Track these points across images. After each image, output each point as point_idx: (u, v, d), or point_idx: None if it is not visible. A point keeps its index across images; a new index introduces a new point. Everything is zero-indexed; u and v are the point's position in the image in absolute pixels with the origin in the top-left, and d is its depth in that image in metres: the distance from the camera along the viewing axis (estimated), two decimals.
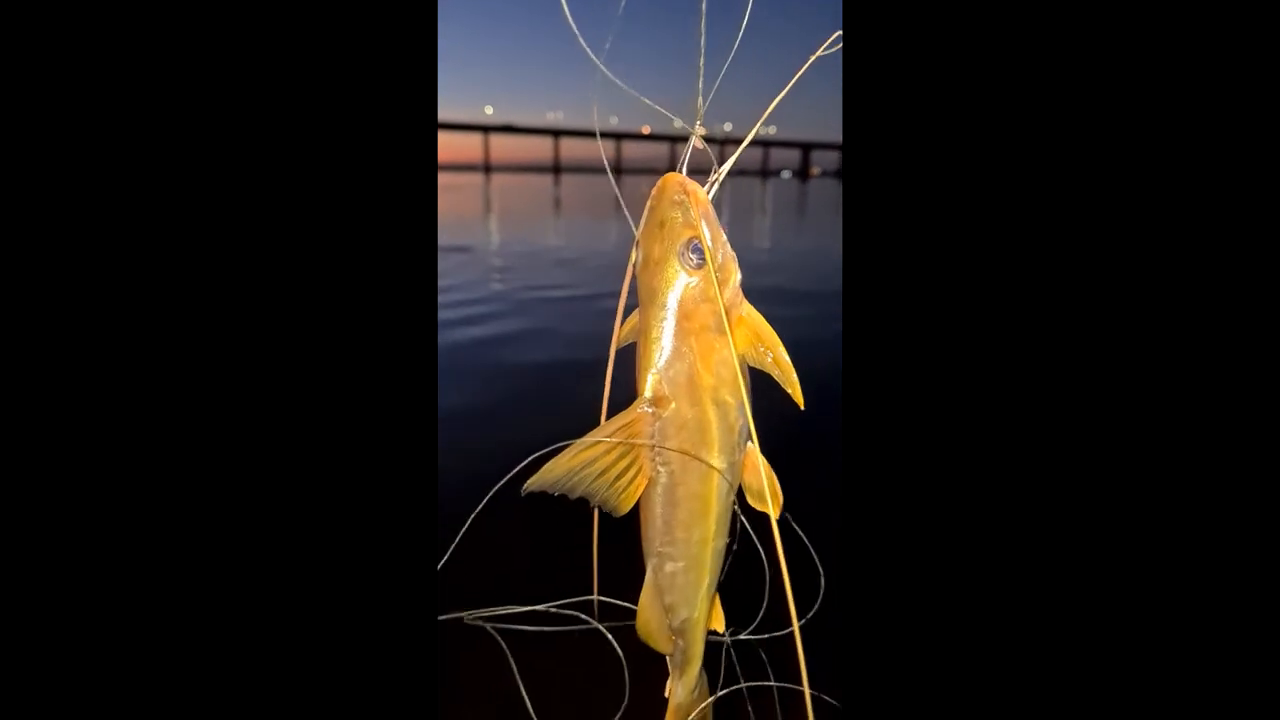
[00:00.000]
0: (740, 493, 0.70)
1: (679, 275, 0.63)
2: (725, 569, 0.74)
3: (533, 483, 0.57)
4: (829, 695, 0.64)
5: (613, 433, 0.60)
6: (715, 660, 0.82)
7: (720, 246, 0.64)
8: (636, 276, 0.66)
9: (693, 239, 0.62)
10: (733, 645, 0.81)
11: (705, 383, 0.63)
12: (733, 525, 0.72)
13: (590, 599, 0.88)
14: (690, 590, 0.70)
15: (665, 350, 0.63)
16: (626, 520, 0.68)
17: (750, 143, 0.65)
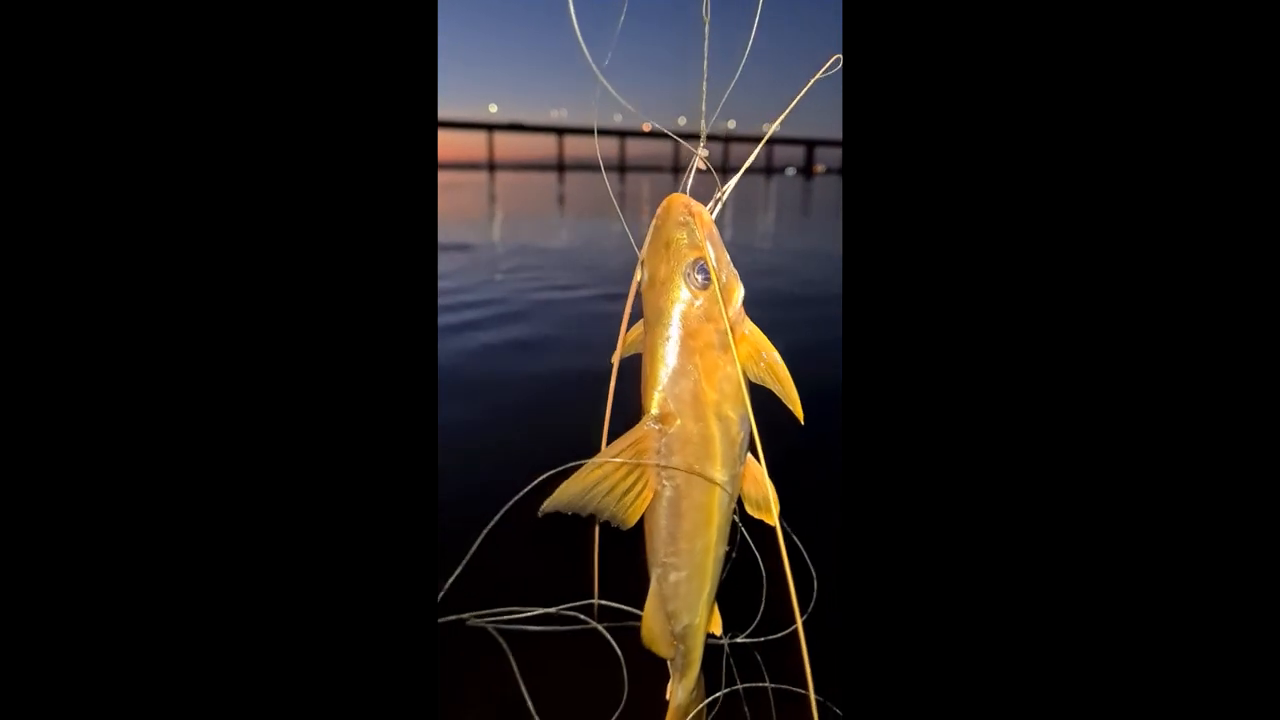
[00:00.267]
0: (740, 502, 0.72)
1: (684, 295, 0.64)
2: (724, 575, 0.76)
3: (549, 505, 0.58)
4: (824, 695, 0.66)
5: (621, 451, 0.62)
6: (713, 663, 0.84)
7: (724, 266, 0.65)
8: (642, 295, 0.67)
9: (698, 260, 0.63)
10: (730, 648, 0.83)
11: (709, 399, 0.65)
12: (732, 533, 0.74)
13: (591, 603, 0.90)
14: (693, 598, 0.72)
15: (671, 368, 0.64)
16: (630, 531, 0.70)
17: (746, 140, 0.67)
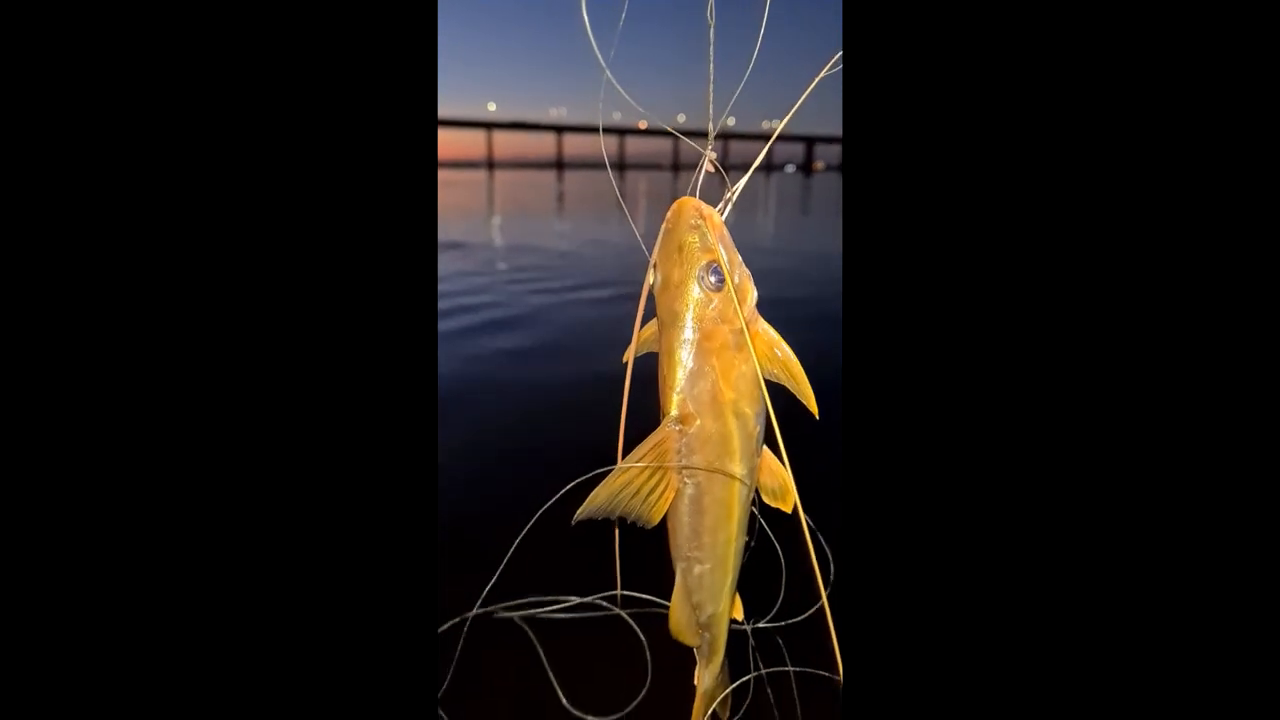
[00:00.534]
0: (757, 493, 0.74)
1: (699, 297, 0.65)
2: (744, 562, 0.78)
3: (582, 513, 0.60)
4: (837, 678, 0.68)
5: (645, 454, 0.64)
6: (735, 649, 0.87)
7: (737, 268, 0.67)
8: (655, 298, 0.69)
9: (711, 262, 0.65)
10: (753, 633, 0.86)
11: (727, 398, 0.66)
12: (751, 524, 0.76)
13: (614, 594, 0.93)
14: (716, 588, 0.75)
15: (688, 369, 0.66)
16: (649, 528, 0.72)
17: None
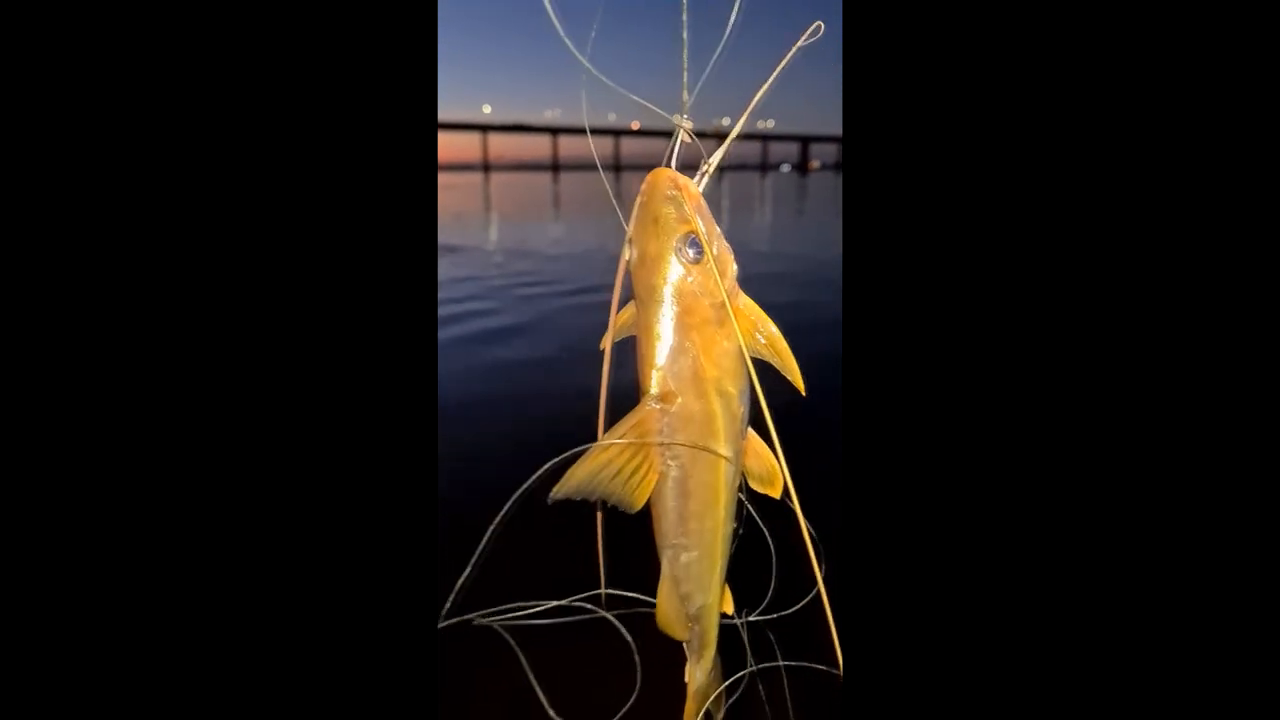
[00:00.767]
0: (743, 478, 0.71)
1: (677, 271, 0.63)
2: (733, 552, 0.75)
3: (558, 491, 0.57)
4: (833, 671, 0.66)
5: (625, 433, 0.61)
6: (727, 643, 0.83)
7: (715, 239, 0.64)
8: (631, 273, 0.66)
9: (689, 234, 0.62)
10: (744, 626, 0.83)
11: (709, 375, 0.64)
12: (738, 510, 0.73)
13: (598, 593, 0.89)
14: (705, 577, 0.71)
15: (668, 346, 0.63)
16: (626, 516, 0.69)
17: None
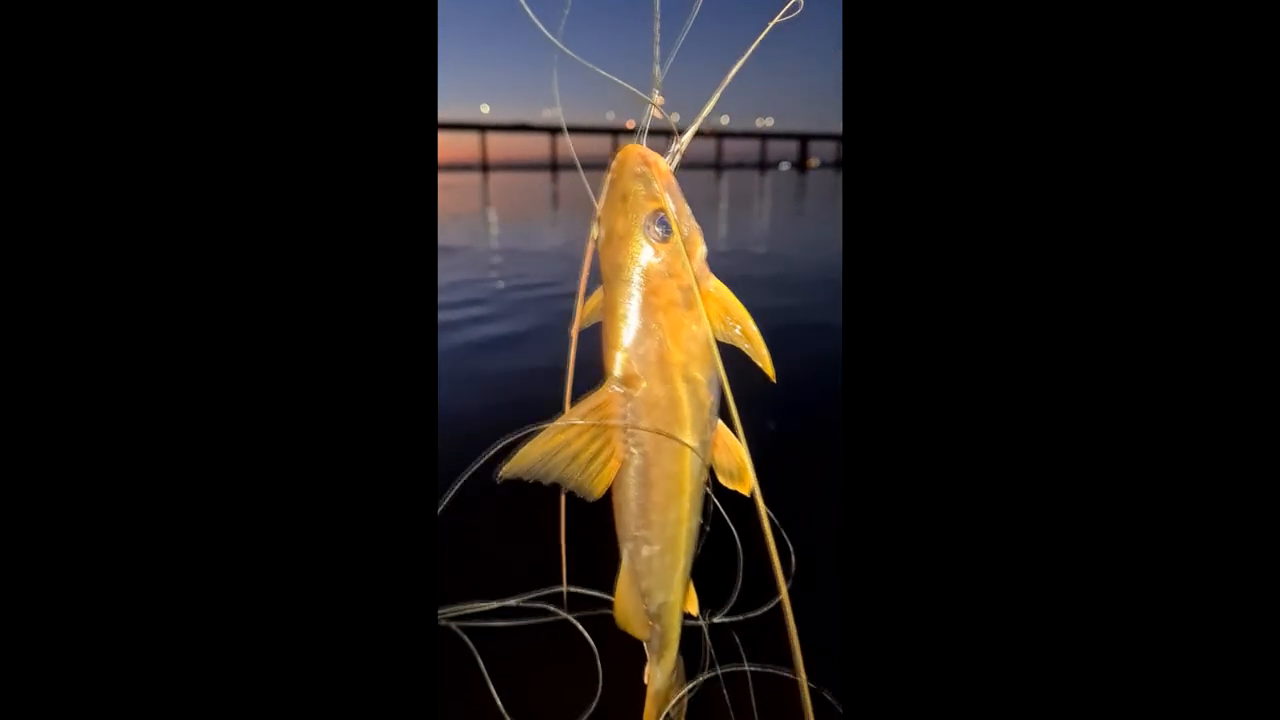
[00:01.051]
0: (712, 473, 0.69)
1: (644, 250, 0.60)
2: (699, 550, 0.73)
3: (507, 469, 0.54)
4: (807, 674, 0.63)
5: (584, 415, 0.58)
6: (690, 644, 0.81)
7: (685, 218, 0.62)
8: (599, 253, 0.63)
9: (657, 211, 0.60)
10: (707, 628, 0.80)
11: (675, 359, 0.61)
12: (705, 506, 0.70)
13: (559, 590, 0.86)
14: (667, 574, 0.68)
15: (633, 328, 0.61)
16: (591, 509, 0.66)
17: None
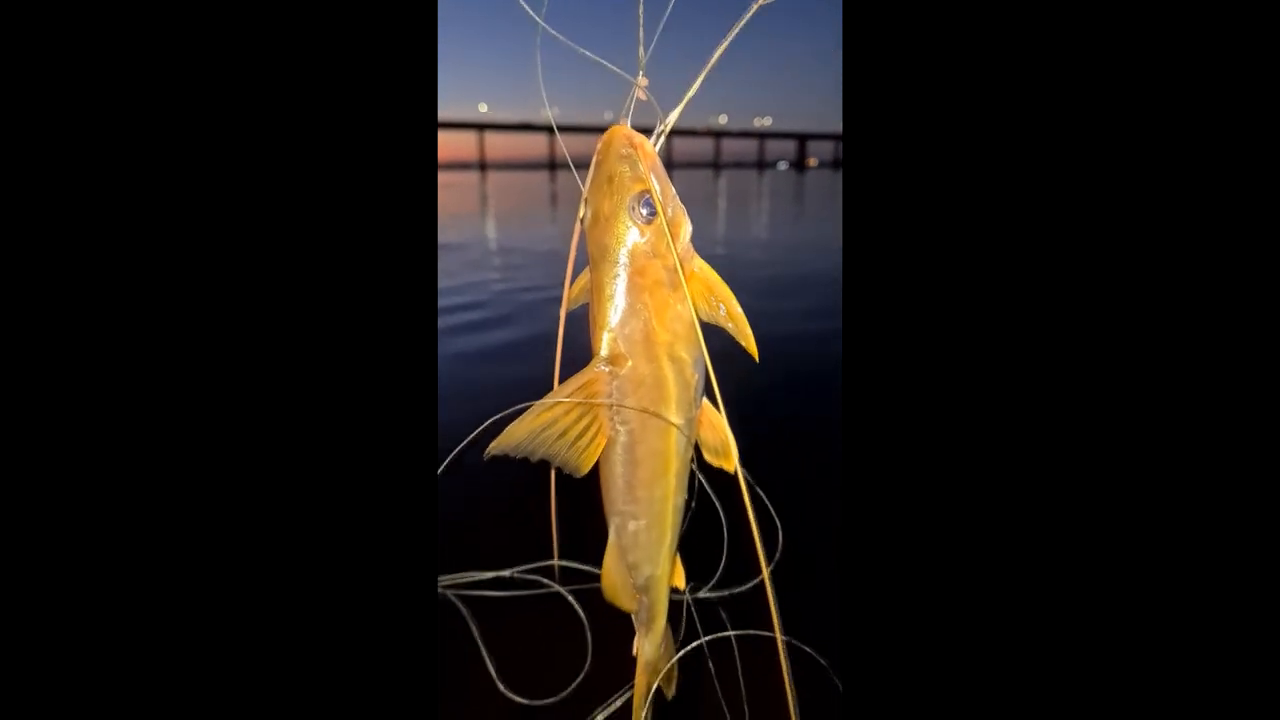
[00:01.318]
0: (698, 451, 0.70)
1: (630, 231, 0.61)
2: (685, 526, 0.74)
3: (495, 446, 0.55)
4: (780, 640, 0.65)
5: (571, 393, 0.59)
6: (677, 617, 0.83)
7: (670, 199, 0.63)
8: (585, 234, 0.64)
9: (643, 193, 0.61)
10: (693, 602, 0.82)
11: (661, 339, 0.62)
12: (691, 482, 0.72)
13: (550, 564, 0.88)
14: (653, 548, 0.70)
15: (619, 308, 0.62)
16: (581, 485, 0.67)
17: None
